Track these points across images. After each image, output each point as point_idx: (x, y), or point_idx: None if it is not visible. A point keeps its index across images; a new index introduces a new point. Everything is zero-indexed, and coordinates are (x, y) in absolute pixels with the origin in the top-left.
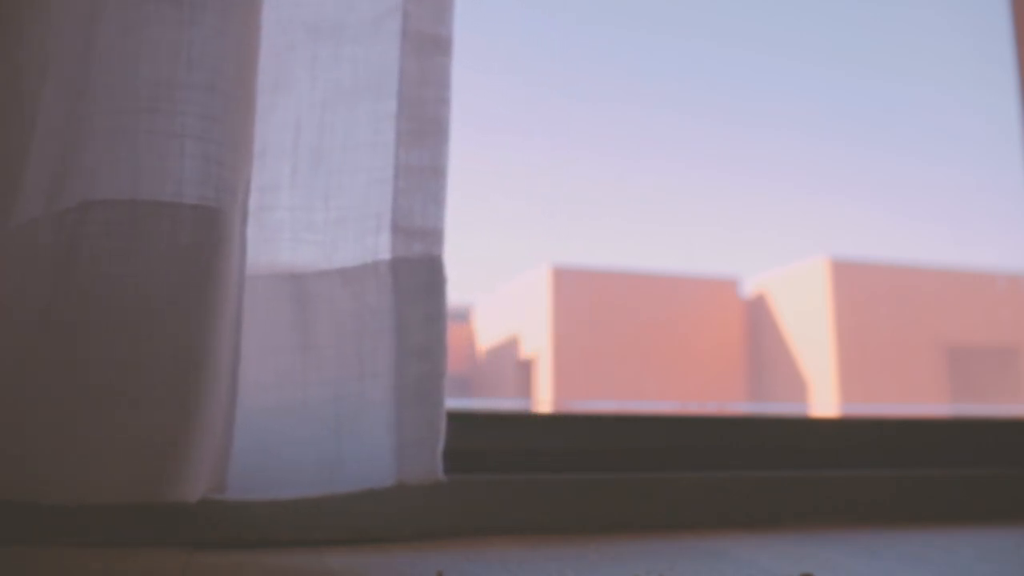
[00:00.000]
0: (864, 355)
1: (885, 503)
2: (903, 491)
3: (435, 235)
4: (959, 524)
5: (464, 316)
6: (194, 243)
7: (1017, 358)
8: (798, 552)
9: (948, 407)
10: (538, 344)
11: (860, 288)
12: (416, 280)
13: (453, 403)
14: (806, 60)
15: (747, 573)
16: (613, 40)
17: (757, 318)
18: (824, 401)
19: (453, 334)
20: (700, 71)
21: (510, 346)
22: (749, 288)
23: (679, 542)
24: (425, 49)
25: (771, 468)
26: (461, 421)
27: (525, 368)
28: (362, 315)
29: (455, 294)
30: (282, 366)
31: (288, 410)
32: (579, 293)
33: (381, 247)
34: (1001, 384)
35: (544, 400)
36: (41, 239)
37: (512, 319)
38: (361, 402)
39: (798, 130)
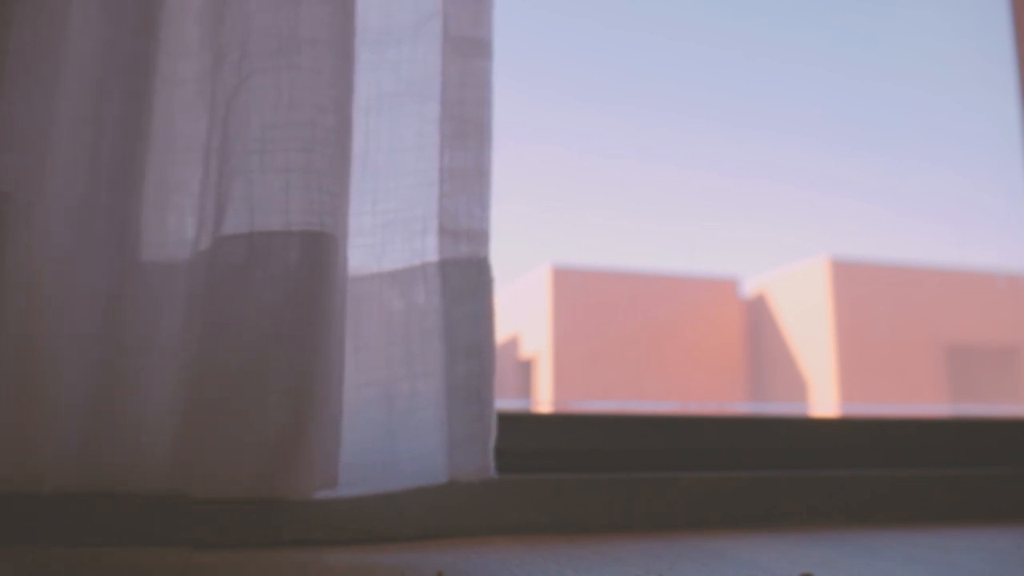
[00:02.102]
0: (864, 355)
1: (885, 503)
2: (903, 491)
3: (480, 236)
4: (958, 524)
5: None
6: (301, 265)
7: (1017, 358)
8: (798, 552)
9: (948, 407)
10: (538, 344)
11: (860, 288)
12: (463, 281)
13: None
14: (806, 61)
15: (747, 573)
16: (613, 41)
17: (757, 318)
18: (824, 401)
19: None
20: (700, 72)
21: (510, 346)
22: (749, 288)
23: (679, 542)
24: (465, 52)
25: (771, 468)
26: None
27: (525, 368)
28: (411, 316)
29: None
30: None
31: (344, 411)
32: (579, 293)
33: (428, 249)
34: (1001, 384)
35: (544, 400)
36: (187, 277)
37: (512, 319)
38: (413, 401)
39: (798, 130)
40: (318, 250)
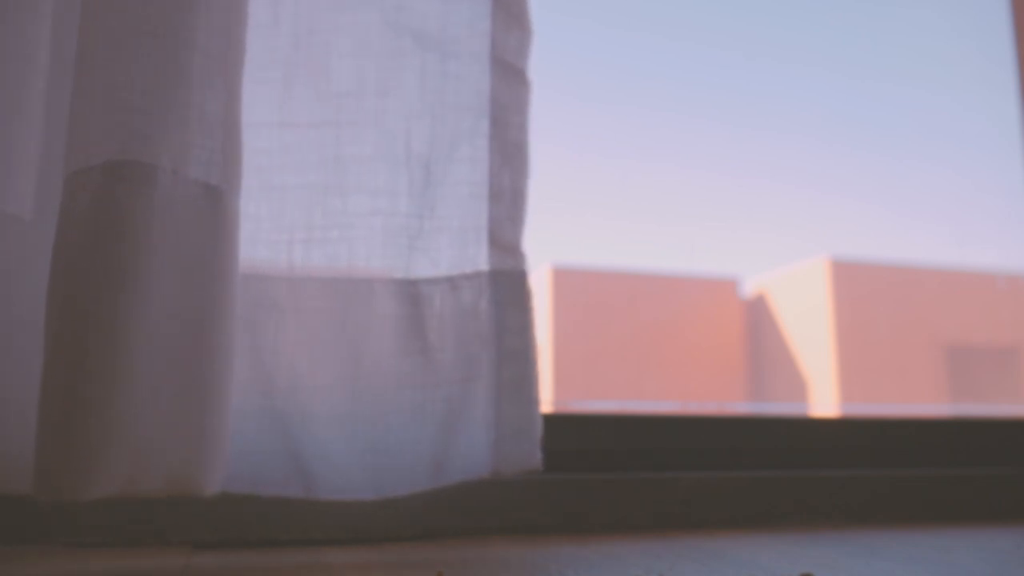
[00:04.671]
0: (864, 355)
1: (885, 503)
2: (902, 491)
3: (521, 252)
4: (958, 524)
5: None
6: (98, 214)
7: (1017, 358)
8: (798, 552)
9: (948, 407)
10: (538, 344)
11: (860, 288)
12: (511, 291)
13: None
14: (806, 61)
15: (747, 573)
16: (613, 41)
17: (757, 318)
18: (824, 401)
19: None
20: (700, 72)
21: None
22: (749, 288)
23: (679, 542)
24: (511, 79)
25: (771, 468)
26: None
27: None
28: (467, 322)
29: None
30: (402, 369)
31: (405, 412)
32: (579, 293)
33: (480, 259)
34: (1001, 384)
35: (544, 400)
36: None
37: None
38: (466, 402)
39: (798, 130)
40: (120, 185)
